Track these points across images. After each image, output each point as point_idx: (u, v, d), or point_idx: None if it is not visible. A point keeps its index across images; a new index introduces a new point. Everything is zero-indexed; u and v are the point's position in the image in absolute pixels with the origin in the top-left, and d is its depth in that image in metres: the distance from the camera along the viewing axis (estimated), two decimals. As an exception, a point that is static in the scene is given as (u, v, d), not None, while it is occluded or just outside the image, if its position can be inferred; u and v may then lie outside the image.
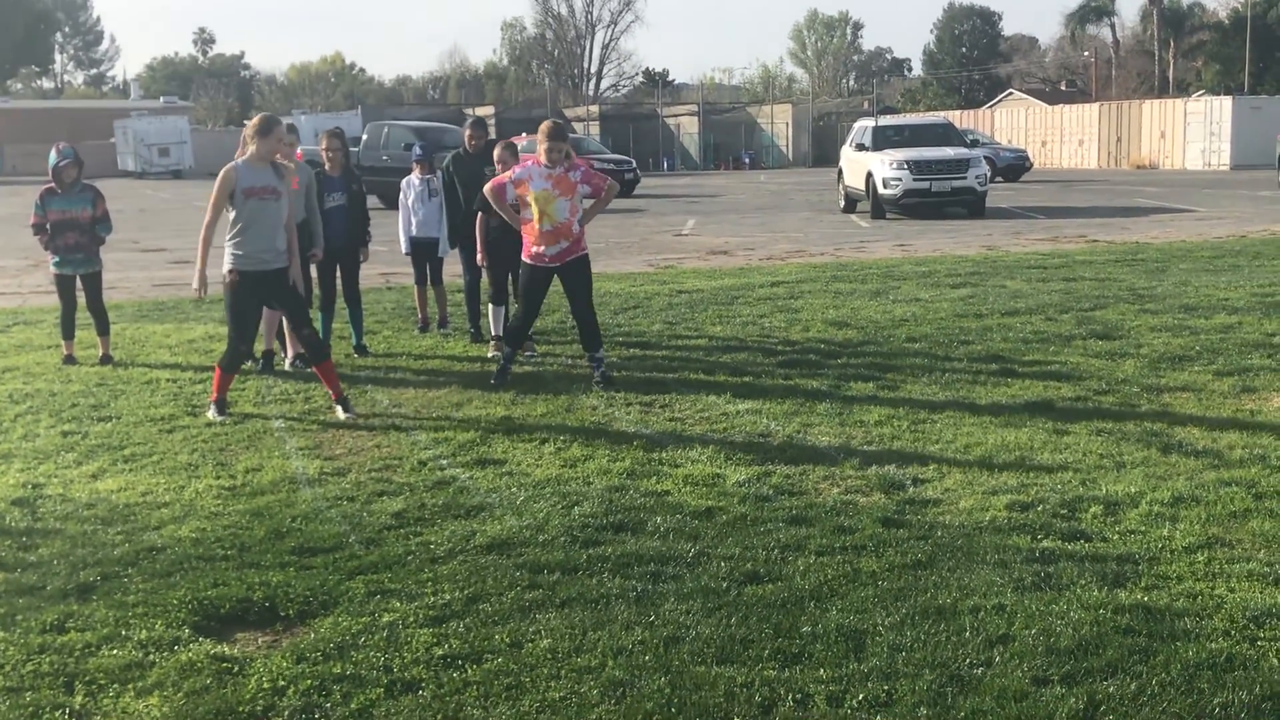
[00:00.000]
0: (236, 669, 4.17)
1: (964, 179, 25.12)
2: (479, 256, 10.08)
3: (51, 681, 4.10)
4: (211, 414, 7.93)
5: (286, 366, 9.58)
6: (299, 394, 8.64)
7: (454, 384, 8.88)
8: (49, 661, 4.23)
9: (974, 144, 33.27)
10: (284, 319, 8.98)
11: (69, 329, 10.11)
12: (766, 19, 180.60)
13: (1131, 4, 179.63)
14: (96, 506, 6.02)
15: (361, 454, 7.00)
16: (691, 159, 70.81)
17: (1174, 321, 10.80)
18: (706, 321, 11.60)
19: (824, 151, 65.61)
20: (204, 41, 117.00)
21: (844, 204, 28.09)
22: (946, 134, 27.85)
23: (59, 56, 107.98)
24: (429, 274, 11.37)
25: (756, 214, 28.13)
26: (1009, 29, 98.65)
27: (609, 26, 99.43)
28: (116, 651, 4.30)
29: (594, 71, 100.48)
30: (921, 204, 25.10)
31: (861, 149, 26.90)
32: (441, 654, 4.23)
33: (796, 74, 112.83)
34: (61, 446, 7.26)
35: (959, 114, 64.63)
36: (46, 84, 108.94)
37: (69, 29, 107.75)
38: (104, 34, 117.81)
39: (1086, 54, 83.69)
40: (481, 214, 9.86)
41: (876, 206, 25.53)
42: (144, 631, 4.45)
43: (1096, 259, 16.37)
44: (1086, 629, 4.29)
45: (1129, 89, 75.96)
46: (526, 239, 8.74)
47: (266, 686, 4.02)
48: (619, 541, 5.33)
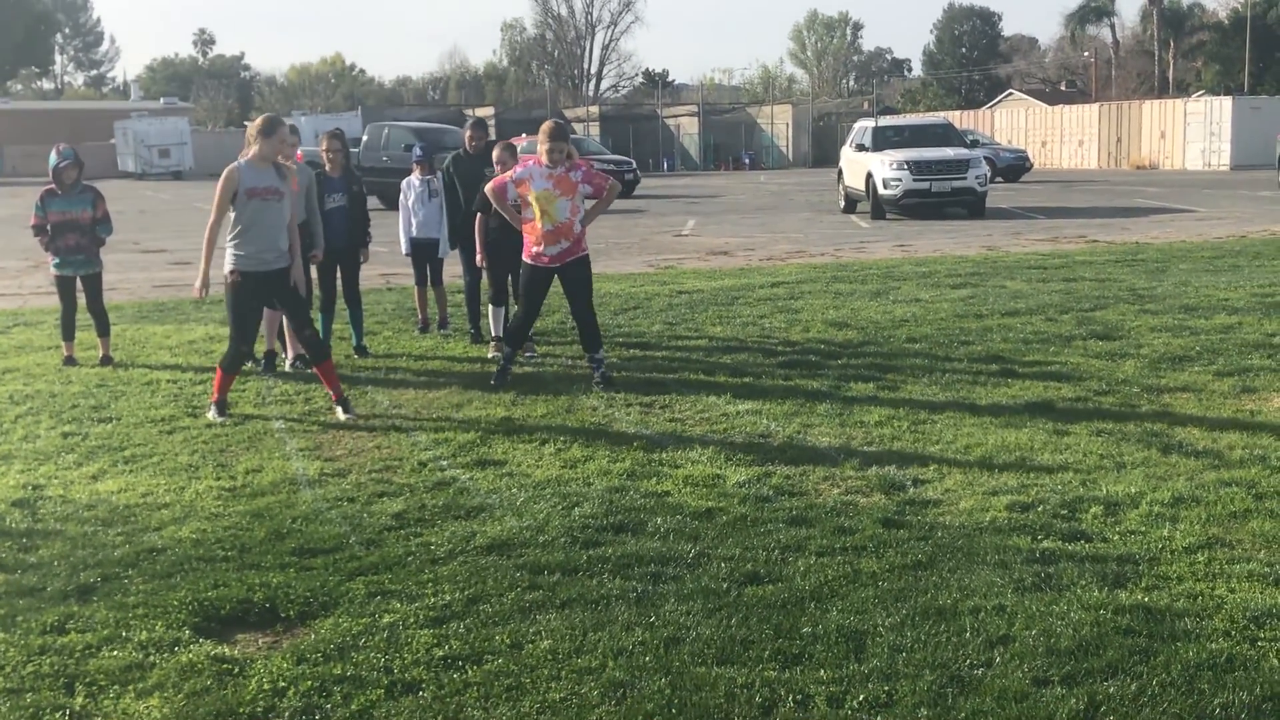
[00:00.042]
0: (237, 670, 4.17)
1: (964, 179, 25.13)
2: (478, 257, 10.08)
3: (52, 683, 4.10)
4: (212, 415, 7.94)
5: (287, 367, 9.59)
6: (299, 395, 8.65)
7: (454, 385, 8.88)
8: (49, 663, 4.24)
9: (974, 144, 33.27)
10: (284, 320, 8.99)
11: (69, 330, 10.12)
12: (766, 19, 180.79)
13: (1131, 4, 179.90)
14: (97, 508, 6.03)
15: (362, 455, 7.00)
16: (691, 159, 70.84)
17: (1174, 322, 10.80)
18: (707, 322, 11.60)
19: (824, 152, 65.63)
20: (204, 42, 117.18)
21: (844, 204, 28.10)
22: (946, 134, 27.86)
23: (59, 57, 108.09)
24: (429, 275, 11.38)
25: (756, 214, 28.13)
26: (1009, 29, 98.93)
27: (609, 27, 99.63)
28: (117, 653, 4.30)
29: (594, 72, 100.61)
30: (921, 204, 25.11)
31: (861, 149, 26.91)
32: (442, 655, 4.23)
33: (796, 74, 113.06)
34: (62, 448, 7.26)
35: (959, 114, 64.65)
36: (47, 85, 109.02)
37: (69, 30, 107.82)
38: (104, 35, 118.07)
39: (1086, 54, 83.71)
40: (481, 215, 9.87)
41: (876, 207, 25.54)
42: (144, 633, 4.45)
43: (1096, 259, 16.38)
44: (1087, 629, 4.29)
45: (1129, 89, 75.97)
46: (527, 239, 8.74)
47: (267, 688, 4.02)
48: (619, 542, 5.33)
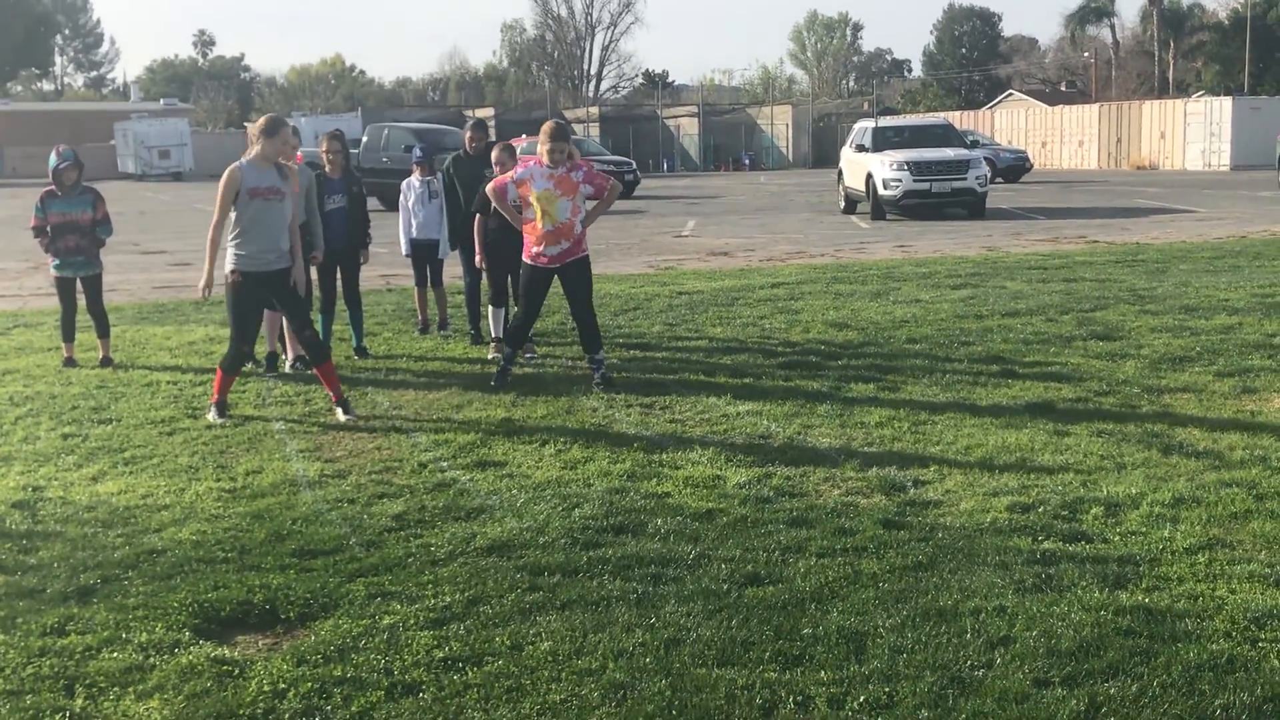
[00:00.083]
0: (237, 672, 4.17)
1: (964, 180, 25.12)
2: (477, 258, 10.08)
3: (52, 684, 4.10)
4: (212, 416, 7.93)
5: (286, 368, 9.58)
6: (299, 396, 8.64)
7: (454, 386, 8.88)
8: (49, 664, 4.23)
9: (974, 145, 33.25)
10: (284, 320, 8.98)
11: (69, 331, 10.12)
12: (766, 20, 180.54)
13: (1131, 5, 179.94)
14: (97, 509, 6.02)
15: (362, 456, 7.00)
16: (691, 160, 70.85)
17: (1174, 322, 10.80)
18: (707, 323, 11.59)
19: (824, 153, 65.64)
20: (204, 44, 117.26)
21: (844, 205, 28.09)
22: (946, 135, 27.85)
23: (59, 59, 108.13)
24: (429, 276, 11.38)
25: (757, 215, 28.13)
26: (1009, 30, 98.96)
27: (609, 28, 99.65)
28: (117, 654, 4.30)
29: (594, 73, 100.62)
30: (921, 205, 25.10)
31: (861, 150, 26.90)
32: (442, 656, 4.23)
33: (796, 75, 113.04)
34: (62, 449, 7.26)
35: (959, 115, 64.66)
36: (47, 86, 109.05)
37: (69, 31, 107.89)
38: (104, 36, 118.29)
39: (1086, 55, 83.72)
40: (480, 216, 9.87)
41: (876, 208, 25.54)
42: (144, 634, 4.45)
43: (1097, 260, 16.37)
44: (1087, 630, 4.29)
45: (1129, 90, 75.98)
46: (527, 239, 8.73)
47: (267, 689, 4.02)
48: (619, 544, 5.33)
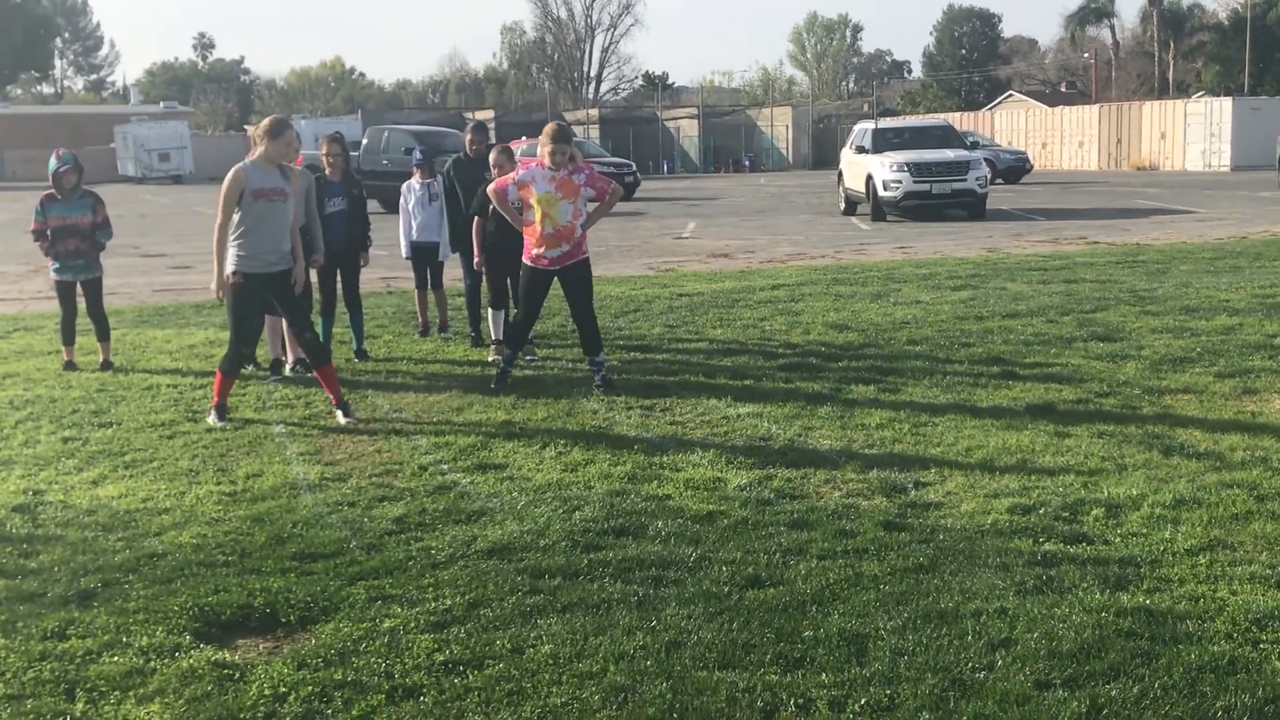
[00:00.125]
0: (237, 675, 4.16)
1: (964, 181, 25.12)
2: (475, 260, 10.07)
3: (52, 689, 4.09)
4: (212, 419, 7.93)
5: (287, 371, 9.58)
6: (299, 399, 8.64)
7: (454, 388, 8.88)
8: (50, 669, 4.23)
9: (974, 146, 33.24)
10: (285, 323, 8.98)
11: (69, 335, 10.11)
12: (766, 22, 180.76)
13: (1131, 5, 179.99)
14: (97, 513, 6.02)
15: (362, 459, 7.00)
16: (691, 162, 70.85)
17: (1175, 323, 10.79)
18: (707, 325, 11.59)
19: (824, 154, 65.64)
20: (204, 46, 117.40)
21: (844, 206, 28.10)
22: (946, 136, 27.86)
23: (59, 62, 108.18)
24: (429, 278, 11.38)
25: (757, 217, 28.13)
26: (1008, 31, 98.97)
27: (608, 30, 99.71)
28: (117, 658, 4.29)
29: (594, 75, 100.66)
30: (922, 206, 25.10)
31: (861, 151, 26.91)
32: (443, 660, 4.22)
33: (796, 76, 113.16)
34: (62, 453, 7.26)
35: (959, 116, 64.66)
36: (46, 89, 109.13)
37: (69, 34, 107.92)
38: (104, 39, 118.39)
39: (1086, 55, 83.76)
40: (478, 218, 9.86)
41: (877, 209, 25.54)
42: (145, 638, 4.44)
43: (1097, 261, 16.37)
44: (1089, 632, 4.29)
45: (1129, 90, 76.00)
46: (528, 241, 8.73)
47: (268, 693, 4.01)
48: (620, 546, 5.32)
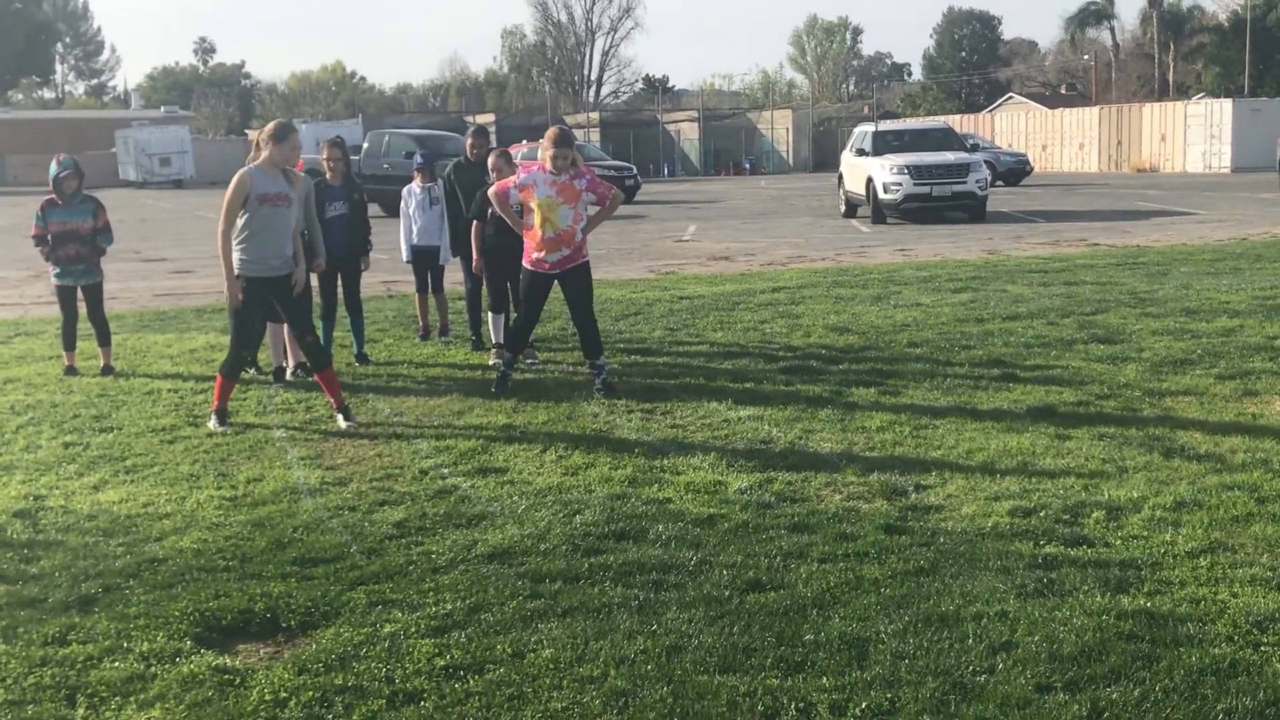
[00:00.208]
0: (238, 681, 4.16)
1: (964, 183, 25.12)
2: (474, 264, 10.08)
3: (53, 694, 4.09)
4: (213, 424, 7.93)
5: (288, 376, 9.58)
6: (300, 403, 8.64)
7: (455, 392, 8.88)
8: (50, 674, 4.23)
9: (974, 148, 33.24)
10: (286, 327, 8.99)
11: (70, 340, 10.12)
12: (766, 25, 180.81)
13: (1131, 7, 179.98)
14: (98, 518, 6.02)
15: (363, 463, 7.00)
16: (692, 165, 70.86)
17: (1175, 325, 10.79)
18: (708, 328, 11.59)
19: (824, 157, 65.65)
20: (204, 51, 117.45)
21: (844, 209, 28.11)
22: (946, 138, 27.87)
23: (60, 67, 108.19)
24: (430, 282, 11.39)
25: (757, 219, 28.14)
26: (1008, 33, 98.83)
27: (609, 33, 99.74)
28: (118, 664, 4.29)
29: (594, 78, 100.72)
30: (922, 209, 25.10)
31: (862, 154, 26.91)
32: (443, 664, 4.22)
33: (796, 79, 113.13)
34: (63, 458, 7.26)
35: (959, 118, 64.72)
36: (47, 94, 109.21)
37: (70, 39, 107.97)
38: (104, 44, 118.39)
39: (1086, 57, 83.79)
40: (477, 222, 9.86)
41: (877, 211, 25.54)
42: (145, 643, 4.44)
43: (1097, 263, 16.37)
44: (1089, 635, 4.28)
45: (1129, 92, 76.02)
46: (528, 244, 8.73)
47: (268, 698, 4.01)
48: (621, 550, 5.32)
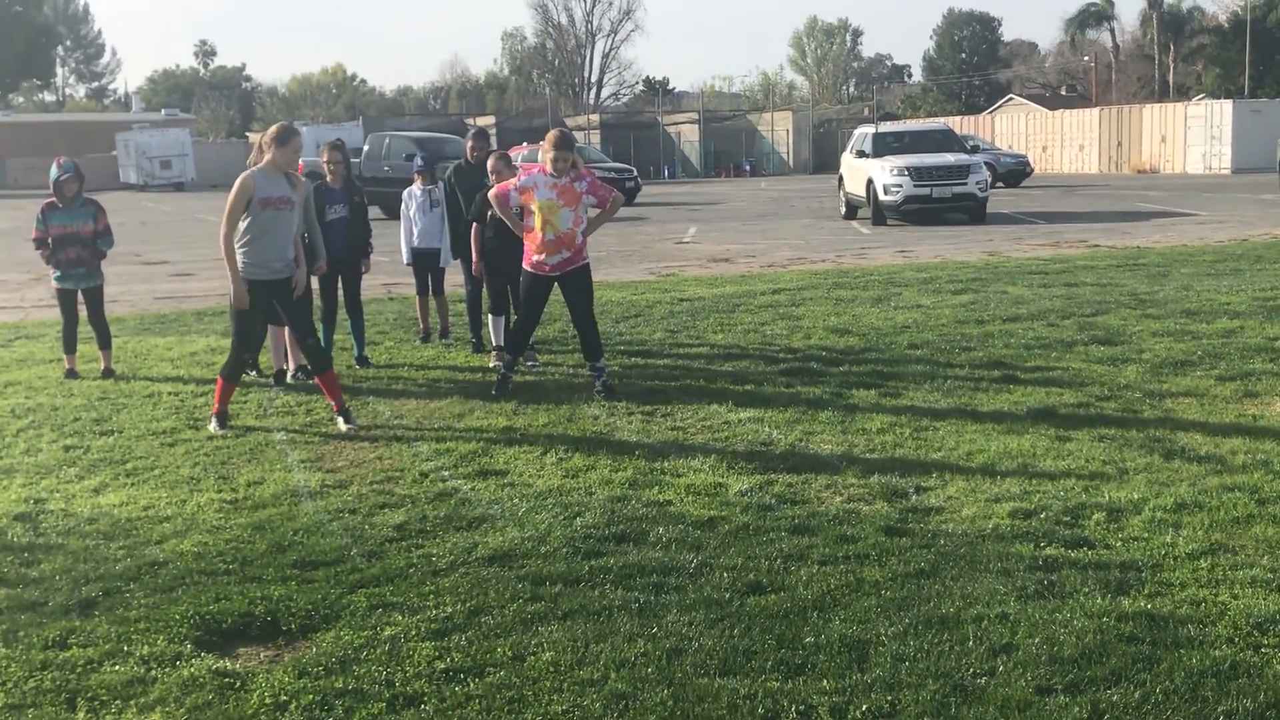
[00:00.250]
0: (238, 684, 4.16)
1: (964, 185, 25.13)
2: (474, 266, 10.08)
3: (54, 698, 4.09)
4: (213, 427, 7.93)
5: (288, 379, 9.58)
6: (301, 406, 8.64)
7: (456, 395, 8.88)
8: (51, 678, 4.23)
9: (974, 149, 33.21)
10: (287, 330, 8.99)
11: (71, 343, 10.12)
12: (766, 26, 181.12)
13: (1131, 8, 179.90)
14: (98, 521, 6.02)
15: (363, 466, 7.00)
16: (692, 167, 70.87)
17: (1176, 326, 10.79)
18: (708, 329, 11.59)
19: (824, 158, 65.67)
20: (205, 54, 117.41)
21: (845, 210, 28.11)
22: (947, 140, 27.88)
23: (60, 70, 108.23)
24: (430, 284, 11.39)
25: (757, 221, 28.14)
26: (1008, 34, 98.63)
27: (609, 36, 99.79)
28: (118, 667, 4.29)
29: (594, 80, 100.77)
30: (922, 210, 25.11)
31: (862, 155, 26.93)
32: (444, 667, 4.22)
33: (796, 81, 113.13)
34: (63, 461, 7.26)
35: (959, 120, 64.71)
36: (48, 97, 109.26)
37: (70, 42, 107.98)
38: (105, 47, 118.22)
39: (1086, 59, 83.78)
40: (476, 224, 9.86)
41: (877, 213, 25.55)
42: (146, 647, 4.44)
43: (1098, 264, 16.36)
44: (1090, 637, 4.28)
45: (1129, 93, 76.02)
46: (528, 247, 8.73)
47: (269, 701, 4.01)
48: (621, 552, 5.32)
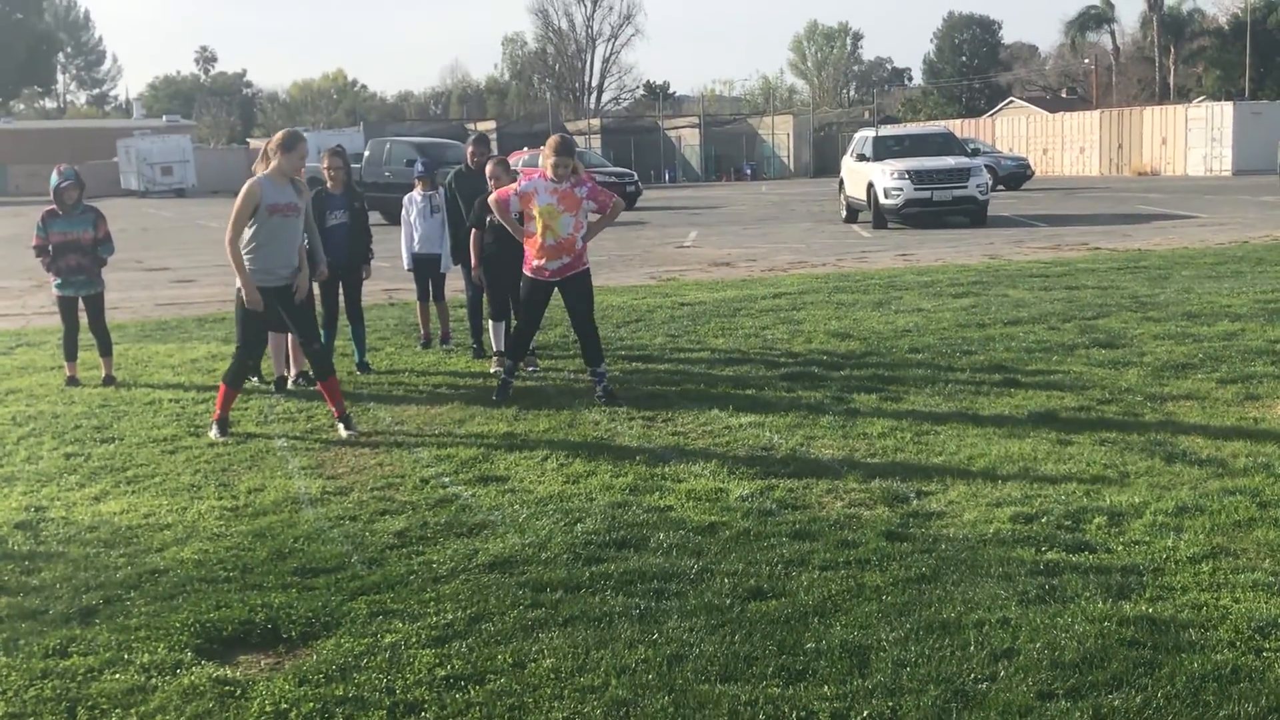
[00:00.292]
0: (239, 692, 4.16)
1: (965, 188, 25.12)
2: (474, 271, 10.08)
3: (54, 706, 4.09)
4: (214, 434, 7.93)
5: (289, 385, 9.58)
6: (301, 413, 8.64)
7: (456, 400, 8.87)
8: (51, 686, 4.23)
9: (975, 153, 33.18)
10: (289, 337, 8.99)
11: (71, 350, 10.13)
12: (766, 30, 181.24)
13: (1131, 10, 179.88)
14: (99, 529, 6.02)
15: (364, 472, 7.00)
16: (693, 171, 70.88)
17: (1177, 329, 10.78)
18: (709, 334, 11.59)
19: (825, 162, 65.68)
20: (206, 60, 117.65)
21: (845, 214, 28.11)
22: (947, 143, 27.87)
23: (61, 77, 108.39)
24: (431, 290, 11.39)
25: (758, 225, 28.14)
26: (1009, 37, 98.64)
27: (609, 40, 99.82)
28: (119, 675, 4.29)
29: (595, 85, 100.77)
30: (923, 213, 25.12)
31: (862, 159, 26.94)
32: (444, 674, 4.22)
33: (797, 85, 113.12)
34: (64, 469, 7.26)
35: (960, 123, 64.74)
36: (49, 104, 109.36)
37: (71, 49, 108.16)
38: (106, 54, 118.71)
39: (1087, 61, 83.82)
40: (476, 230, 9.86)
41: (878, 216, 25.55)
42: (146, 655, 4.44)
43: (1099, 267, 16.36)
44: (1091, 641, 4.28)
45: (1130, 95, 76.00)
46: (528, 252, 8.73)
47: (269, 709, 4.01)
48: (622, 558, 5.32)
